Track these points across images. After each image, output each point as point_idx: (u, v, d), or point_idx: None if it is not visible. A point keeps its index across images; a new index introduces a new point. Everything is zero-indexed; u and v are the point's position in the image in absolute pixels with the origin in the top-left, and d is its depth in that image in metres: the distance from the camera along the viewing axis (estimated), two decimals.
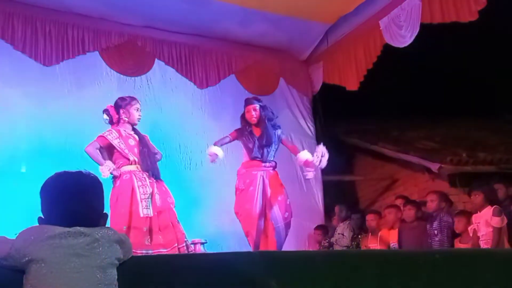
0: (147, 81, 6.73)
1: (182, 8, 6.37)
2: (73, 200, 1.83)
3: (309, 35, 7.35)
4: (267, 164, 5.20)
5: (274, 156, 5.28)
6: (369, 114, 8.30)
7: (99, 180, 1.98)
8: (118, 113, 4.72)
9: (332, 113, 8.03)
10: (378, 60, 6.43)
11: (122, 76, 6.56)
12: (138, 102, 4.79)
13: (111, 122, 4.75)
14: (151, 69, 6.75)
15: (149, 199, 4.49)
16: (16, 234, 1.79)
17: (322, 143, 5.35)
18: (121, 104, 4.73)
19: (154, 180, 4.61)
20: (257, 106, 5.23)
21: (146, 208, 4.44)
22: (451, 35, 6.62)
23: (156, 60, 6.77)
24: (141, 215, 4.40)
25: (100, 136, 4.63)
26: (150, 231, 4.44)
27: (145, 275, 2.04)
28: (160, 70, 6.81)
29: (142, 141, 4.73)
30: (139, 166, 4.60)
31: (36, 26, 6.05)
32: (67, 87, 6.22)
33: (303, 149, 7.48)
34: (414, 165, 7.29)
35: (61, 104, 6.12)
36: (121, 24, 6.56)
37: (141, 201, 4.44)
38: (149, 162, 4.64)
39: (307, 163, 5.16)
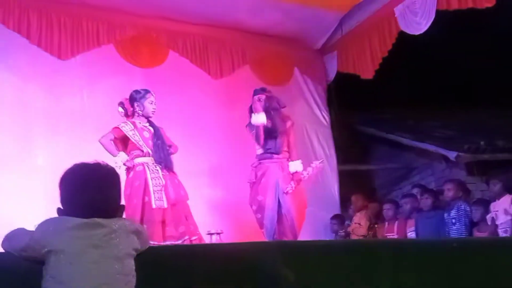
0: (162, 72, 6.74)
1: None
2: (91, 191, 1.85)
3: (323, 24, 7.29)
4: (280, 155, 5.19)
5: (287, 146, 5.27)
6: (385, 102, 8.22)
7: (116, 172, 2.00)
8: (132, 106, 4.79)
9: (347, 102, 7.97)
10: (394, 48, 6.36)
11: (137, 68, 6.58)
12: (152, 94, 4.83)
13: (126, 114, 4.82)
14: (165, 60, 6.76)
15: (162, 191, 4.52)
16: (34, 226, 1.81)
17: (321, 160, 5.54)
18: (135, 97, 4.78)
19: (167, 173, 4.64)
20: (262, 96, 5.23)
21: (159, 200, 4.48)
22: (467, 22, 6.51)
23: (170, 51, 6.78)
24: (154, 206, 4.44)
25: (115, 127, 4.68)
26: (163, 223, 4.47)
27: (162, 265, 2.05)
28: (174, 62, 6.80)
29: (157, 134, 4.77)
30: (152, 158, 4.63)
31: (52, 19, 6.07)
32: (82, 80, 6.25)
33: (319, 140, 7.53)
34: (431, 153, 7.21)
35: (77, 98, 6.18)
36: (135, 15, 6.56)
37: (154, 193, 4.47)
38: (162, 154, 4.67)
39: (295, 175, 5.13)
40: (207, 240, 4.80)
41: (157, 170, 4.60)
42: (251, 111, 5.31)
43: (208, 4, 6.49)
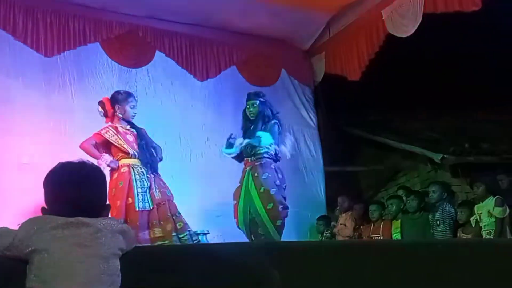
0: (148, 73, 6.71)
1: None
2: (75, 190, 1.83)
3: (311, 26, 7.31)
4: (256, 157, 5.18)
5: (274, 151, 5.26)
6: (372, 104, 8.27)
7: (101, 171, 1.99)
8: (113, 107, 4.72)
9: (334, 104, 8.00)
10: (381, 50, 6.40)
11: (123, 67, 6.55)
12: (134, 98, 4.77)
13: (105, 115, 4.75)
14: (151, 60, 6.73)
15: (147, 193, 4.49)
16: (18, 225, 1.79)
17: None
18: (117, 98, 4.72)
19: (153, 174, 4.61)
20: (256, 102, 5.23)
21: (143, 202, 4.44)
22: (454, 25, 6.57)
23: (156, 51, 6.75)
24: (137, 208, 4.40)
25: (96, 133, 4.63)
26: (148, 225, 4.43)
27: (148, 265, 2.04)
28: (160, 62, 6.79)
29: (140, 135, 4.73)
30: (139, 160, 4.60)
31: (37, 16, 6.03)
32: (68, 78, 6.20)
33: (305, 141, 7.55)
34: (417, 155, 7.28)
35: (62, 95, 6.13)
36: (122, 14, 6.53)
37: (138, 195, 4.44)
38: (148, 155, 4.64)
39: None
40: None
41: (143, 172, 4.57)
42: (244, 115, 5.32)
43: (196, 4, 6.48)
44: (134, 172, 4.53)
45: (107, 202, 1.97)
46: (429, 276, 2.41)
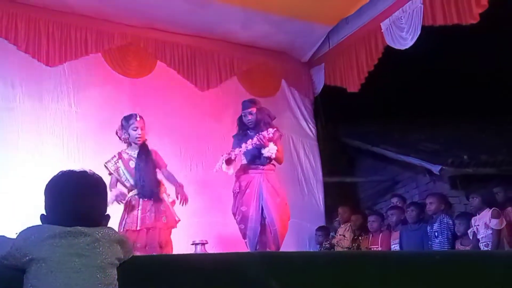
0: (149, 83, 6.73)
1: (185, 9, 6.38)
2: (75, 199, 1.84)
3: (311, 37, 7.36)
4: (266, 166, 5.21)
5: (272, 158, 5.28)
6: (371, 115, 8.30)
7: (102, 181, 1.99)
8: (124, 133, 4.81)
9: (333, 115, 8.04)
10: (379, 62, 6.44)
11: (124, 78, 6.57)
12: (136, 119, 4.75)
13: (125, 141, 4.83)
14: (153, 71, 6.76)
15: (137, 216, 4.57)
16: (17, 234, 1.80)
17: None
18: (124, 124, 4.79)
19: (151, 200, 4.63)
20: (253, 109, 5.26)
21: (131, 223, 4.55)
22: (452, 37, 6.62)
23: (158, 62, 6.78)
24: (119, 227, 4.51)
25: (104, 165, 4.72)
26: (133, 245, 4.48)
27: (145, 275, 2.04)
28: (162, 72, 6.81)
29: (139, 164, 4.71)
30: (136, 190, 4.68)
31: (40, 27, 6.07)
32: (70, 88, 6.22)
33: (305, 152, 7.56)
34: (416, 167, 7.28)
35: (64, 105, 6.14)
36: (124, 25, 6.57)
37: (128, 217, 4.61)
38: (146, 184, 4.65)
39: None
40: (191, 250, 4.78)
41: (136, 197, 4.66)
42: (240, 122, 5.34)
43: (197, 15, 6.52)
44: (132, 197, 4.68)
45: (107, 212, 1.97)
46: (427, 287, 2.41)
